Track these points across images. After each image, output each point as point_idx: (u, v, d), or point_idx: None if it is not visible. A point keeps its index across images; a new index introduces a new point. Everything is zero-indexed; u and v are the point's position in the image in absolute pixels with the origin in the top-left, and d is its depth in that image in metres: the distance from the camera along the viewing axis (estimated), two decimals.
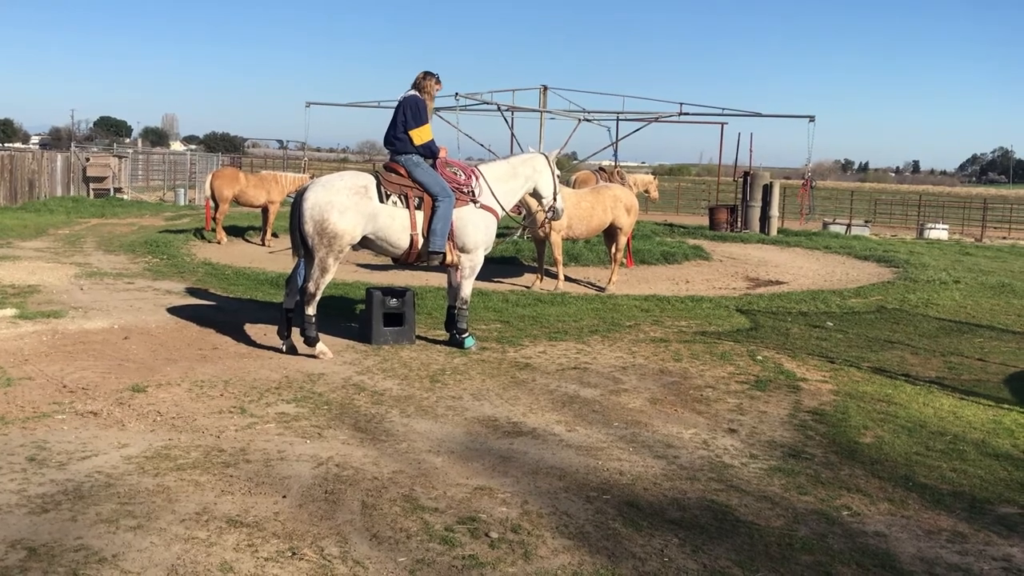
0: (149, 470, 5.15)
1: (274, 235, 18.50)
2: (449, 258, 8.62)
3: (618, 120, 25.35)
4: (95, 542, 4.18)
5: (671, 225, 27.57)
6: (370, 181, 8.36)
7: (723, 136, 28.05)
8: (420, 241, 8.45)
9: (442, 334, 9.18)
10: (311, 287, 8.19)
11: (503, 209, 9.06)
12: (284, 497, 4.86)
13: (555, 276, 13.17)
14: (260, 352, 8.32)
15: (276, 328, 8.55)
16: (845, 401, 7.36)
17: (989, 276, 16.71)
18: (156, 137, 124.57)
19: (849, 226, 28.38)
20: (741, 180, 26.28)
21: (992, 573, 4.37)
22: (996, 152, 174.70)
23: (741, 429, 6.54)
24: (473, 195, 8.75)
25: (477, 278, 9.30)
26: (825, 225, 29.04)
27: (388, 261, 14.52)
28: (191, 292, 11.56)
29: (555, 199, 9.52)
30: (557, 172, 9.57)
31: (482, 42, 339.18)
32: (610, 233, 13.55)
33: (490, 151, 23.49)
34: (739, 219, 25.34)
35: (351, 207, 8.15)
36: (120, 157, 35.07)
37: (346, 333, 9.18)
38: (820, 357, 9.03)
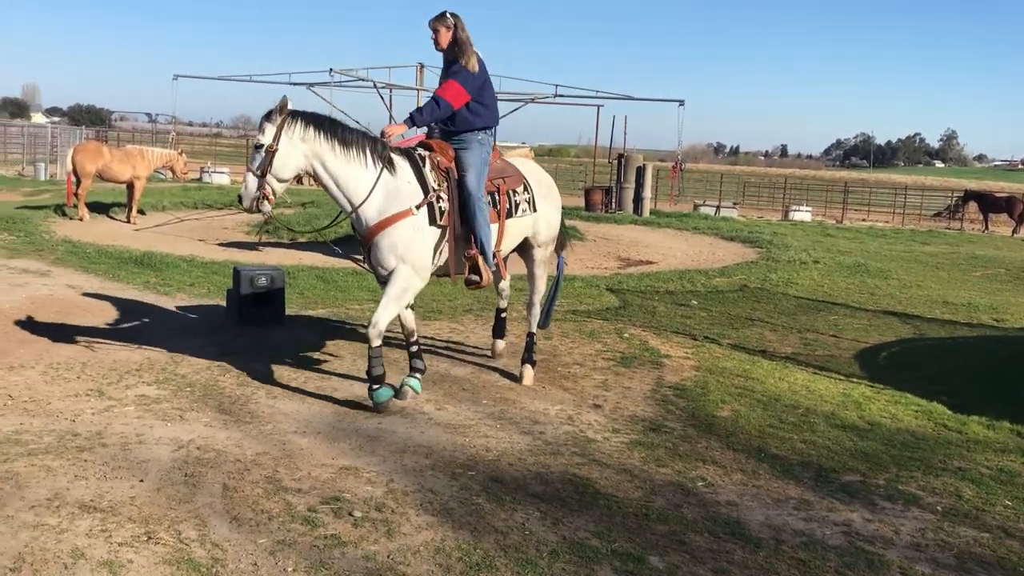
0: None
1: (140, 212, 17.85)
2: None
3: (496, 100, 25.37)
4: None
5: None
6: None
7: (599, 119, 28.70)
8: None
9: (314, 313, 9.03)
10: None
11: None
12: (141, 481, 4.74)
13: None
14: (121, 333, 8.04)
15: (137, 310, 8.26)
16: (705, 376, 7.62)
17: (846, 256, 17.52)
18: (15, 108, 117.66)
19: (718, 208, 29.23)
20: (616, 162, 26.76)
21: (833, 537, 4.63)
22: (858, 137, 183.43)
23: (605, 404, 6.71)
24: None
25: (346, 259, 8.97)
26: (696, 207, 29.83)
27: (276, 238, 14.11)
28: (50, 271, 11.06)
29: None
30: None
31: (360, 16, 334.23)
32: None
33: (368, 130, 23.23)
34: (613, 200, 25.81)
35: None
36: None
37: (213, 314, 8.97)
38: (684, 334, 9.33)
